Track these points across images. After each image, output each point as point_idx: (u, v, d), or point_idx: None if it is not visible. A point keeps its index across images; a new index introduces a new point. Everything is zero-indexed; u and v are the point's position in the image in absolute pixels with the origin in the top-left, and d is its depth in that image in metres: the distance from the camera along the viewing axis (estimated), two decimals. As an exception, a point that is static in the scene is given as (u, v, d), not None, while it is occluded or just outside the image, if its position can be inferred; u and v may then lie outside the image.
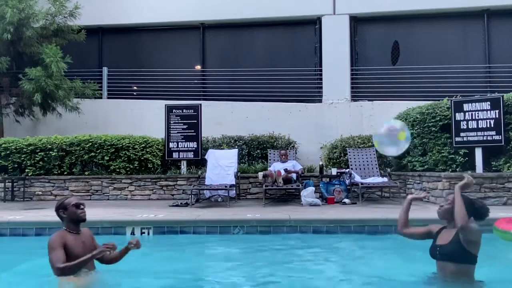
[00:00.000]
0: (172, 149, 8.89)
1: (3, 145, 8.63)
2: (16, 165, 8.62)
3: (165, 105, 9.07)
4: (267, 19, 10.94)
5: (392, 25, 10.82)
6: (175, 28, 11.50)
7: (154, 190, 8.51)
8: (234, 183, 7.65)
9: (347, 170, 7.91)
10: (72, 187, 8.53)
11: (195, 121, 8.90)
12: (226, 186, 7.33)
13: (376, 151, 8.40)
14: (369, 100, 10.04)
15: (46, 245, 3.01)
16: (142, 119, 10.24)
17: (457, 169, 7.15)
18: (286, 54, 11.07)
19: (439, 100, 7.83)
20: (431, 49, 10.47)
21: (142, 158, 8.62)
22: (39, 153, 8.55)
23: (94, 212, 6.17)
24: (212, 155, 8.31)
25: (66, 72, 9.50)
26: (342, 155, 8.76)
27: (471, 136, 7.16)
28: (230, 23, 11.17)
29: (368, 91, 10.21)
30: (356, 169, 8.10)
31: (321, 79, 10.56)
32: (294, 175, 7.65)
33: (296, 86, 10.59)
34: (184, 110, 8.98)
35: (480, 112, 7.13)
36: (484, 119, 7.08)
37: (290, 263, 4.20)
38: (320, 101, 10.42)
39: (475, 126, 7.12)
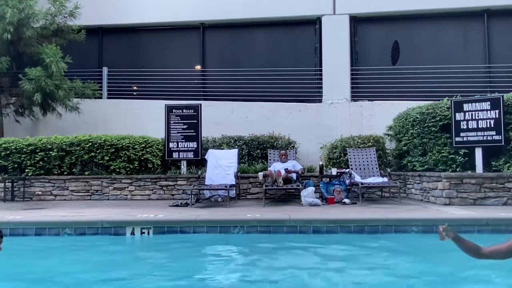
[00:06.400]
0: (172, 149, 8.89)
1: (3, 145, 8.63)
2: (16, 165, 8.62)
3: (165, 105, 9.07)
4: (267, 19, 10.94)
5: (392, 25, 10.82)
6: (175, 28, 11.49)
7: (154, 190, 8.50)
8: (234, 183, 7.65)
9: (347, 170, 7.91)
10: (72, 187, 8.53)
11: (195, 121, 8.89)
12: (226, 186, 7.33)
13: (376, 150, 8.41)
14: (369, 100, 10.04)
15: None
16: (142, 119, 10.23)
17: (457, 169, 7.15)
18: (286, 54, 11.07)
19: (439, 100, 7.83)
20: (431, 49, 10.46)
21: (142, 158, 8.62)
22: (39, 153, 8.55)
23: (94, 212, 6.18)
24: (212, 155, 8.31)
25: (66, 72, 9.50)
26: (342, 155, 8.76)
27: (471, 136, 7.15)
28: (230, 23, 11.17)
29: (368, 91, 10.21)
30: (356, 169, 8.10)
31: (321, 79, 10.56)
32: (294, 175, 7.65)
33: (296, 86, 10.58)
34: (184, 110, 8.97)
35: (480, 112, 7.12)
36: (484, 119, 7.08)
37: (290, 263, 4.20)
38: (320, 101, 10.41)
39: (475, 126, 7.12)
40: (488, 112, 7.04)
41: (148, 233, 5.24)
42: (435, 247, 4.71)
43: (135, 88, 11.49)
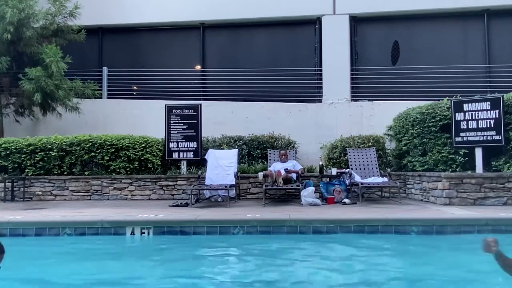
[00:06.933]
0: (172, 149, 8.89)
1: (3, 145, 8.63)
2: (16, 165, 8.62)
3: (165, 105, 9.07)
4: (267, 19, 10.94)
5: (392, 25, 10.82)
6: (175, 28, 11.49)
7: (154, 190, 8.51)
8: (234, 183, 7.65)
9: (347, 170, 7.91)
10: (72, 187, 8.53)
11: (195, 121, 8.89)
12: (226, 186, 7.33)
13: (377, 150, 8.41)
14: (369, 100, 10.04)
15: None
16: (142, 119, 10.24)
17: (457, 169, 7.15)
18: (286, 54, 11.07)
19: (439, 100, 7.83)
20: (431, 49, 10.47)
21: (142, 158, 8.62)
22: (39, 153, 8.55)
23: (94, 212, 6.18)
24: (212, 155, 8.31)
25: (66, 72, 9.50)
26: (342, 155, 8.76)
27: (471, 136, 7.15)
28: (230, 23, 11.17)
29: (368, 91, 10.21)
30: (356, 169, 8.10)
31: (321, 79, 10.56)
32: (294, 175, 7.65)
33: (296, 86, 10.59)
34: (184, 110, 8.98)
35: (480, 112, 7.12)
36: (484, 119, 7.08)
37: (290, 263, 4.20)
38: (320, 101, 10.41)
39: (475, 126, 7.12)
40: (488, 112, 7.04)
41: (148, 233, 5.24)
42: (435, 247, 4.72)
43: (135, 88, 11.49)
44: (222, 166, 8.08)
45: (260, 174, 7.62)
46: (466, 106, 7.24)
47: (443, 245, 4.74)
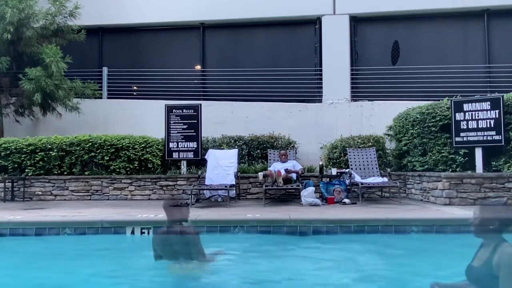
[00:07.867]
0: (172, 149, 8.89)
1: (3, 145, 8.63)
2: (16, 165, 8.62)
3: (165, 105, 9.07)
4: (267, 19, 10.94)
5: (392, 25, 10.83)
6: (175, 28, 11.50)
7: (154, 190, 8.51)
8: (234, 183, 7.65)
9: (347, 170, 7.92)
10: (72, 187, 8.53)
11: (195, 121, 8.89)
12: (226, 186, 7.33)
13: (377, 150, 8.40)
14: (369, 100, 10.04)
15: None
16: (142, 119, 10.23)
17: (457, 169, 7.15)
18: (286, 54, 11.07)
19: (439, 100, 7.84)
20: (431, 49, 10.47)
21: (142, 158, 8.62)
22: (39, 153, 8.55)
23: (94, 212, 6.18)
24: (212, 155, 8.32)
25: (66, 72, 9.50)
26: (342, 155, 8.76)
27: (471, 136, 7.16)
28: (230, 23, 11.17)
29: (368, 91, 10.21)
30: (356, 169, 8.10)
31: (321, 79, 10.56)
32: (294, 175, 7.65)
33: (296, 86, 10.59)
34: (184, 110, 8.98)
35: (480, 112, 7.13)
36: (484, 119, 7.08)
37: (290, 263, 4.20)
38: (320, 101, 10.42)
39: (475, 126, 7.12)
40: (488, 112, 7.05)
41: (148, 233, 5.24)
42: (434, 247, 4.72)
43: (135, 88, 11.49)
44: (222, 166, 8.08)
45: (260, 174, 7.62)
46: (466, 106, 7.24)
47: (442, 246, 4.74)
